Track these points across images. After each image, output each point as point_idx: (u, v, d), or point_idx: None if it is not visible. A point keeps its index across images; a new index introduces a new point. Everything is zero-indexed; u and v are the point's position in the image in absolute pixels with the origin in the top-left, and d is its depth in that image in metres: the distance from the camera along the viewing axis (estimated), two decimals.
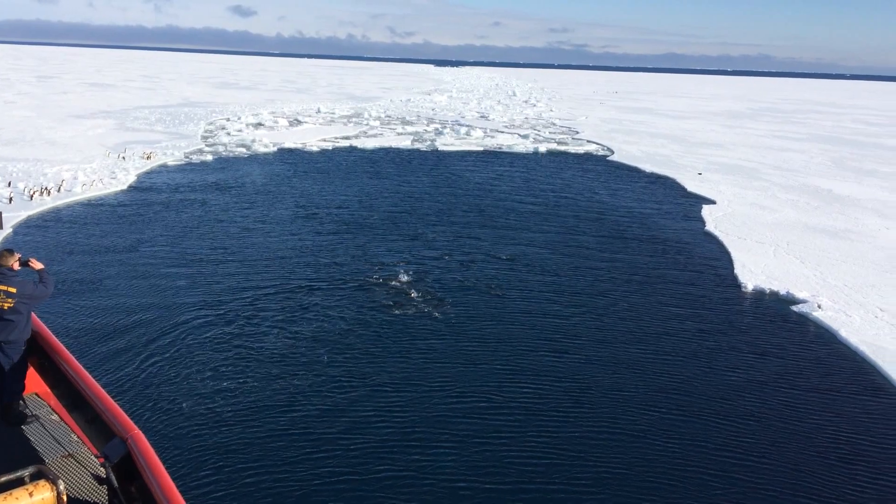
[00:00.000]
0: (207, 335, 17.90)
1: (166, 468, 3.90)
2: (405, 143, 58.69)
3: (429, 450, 13.19)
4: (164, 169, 41.93)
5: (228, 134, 58.50)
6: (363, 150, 54.04)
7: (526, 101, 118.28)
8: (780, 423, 14.87)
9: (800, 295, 22.53)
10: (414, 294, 21.62)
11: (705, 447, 13.80)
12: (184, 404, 14.37)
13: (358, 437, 13.49)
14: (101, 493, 4.42)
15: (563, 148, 59.43)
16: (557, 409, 15.09)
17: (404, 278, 23.06)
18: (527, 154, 55.79)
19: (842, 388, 16.62)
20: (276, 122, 68.81)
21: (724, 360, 17.88)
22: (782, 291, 22.99)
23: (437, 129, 70.29)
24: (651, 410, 15.15)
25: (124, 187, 35.70)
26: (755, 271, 25.11)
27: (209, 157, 46.63)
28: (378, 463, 12.68)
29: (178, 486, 3.87)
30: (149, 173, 40.09)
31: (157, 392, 14.84)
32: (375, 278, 23.03)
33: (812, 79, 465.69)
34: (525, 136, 66.12)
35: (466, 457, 13.04)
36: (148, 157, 43.84)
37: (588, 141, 64.58)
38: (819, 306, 21.54)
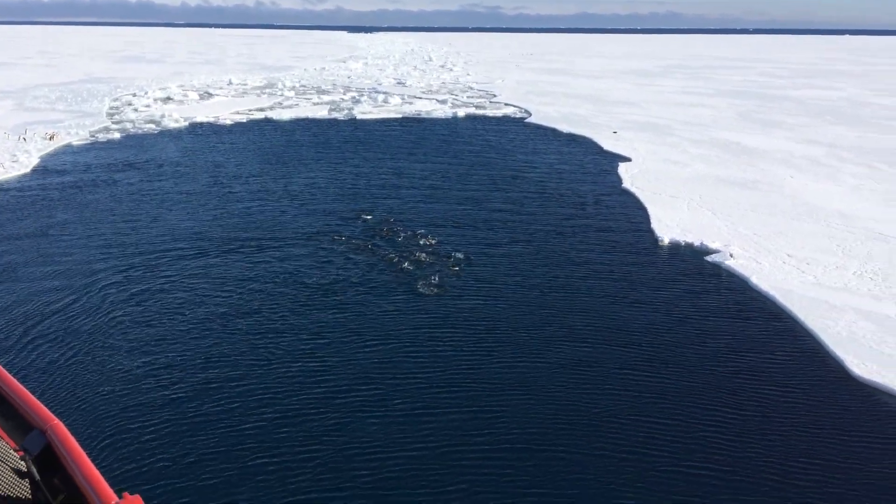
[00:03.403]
0: (124, 317, 17.40)
1: (89, 456, 3.81)
2: (322, 112, 57.77)
3: (341, 418, 13.26)
4: (69, 149, 40.13)
5: (136, 110, 56.31)
6: (279, 122, 52.93)
7: (442, 66, 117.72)
8: (694, 359, 15.57)
9: (713, 245, 23.41)
10: (334, 260, 21.49)
11: (620, 384, 14.35)
12: (104, 389, 13.99)
13: (283, 412, 13.42)
14: (24, 487, 4.27)
15: (481, 112, 59.59)
16: (469, 357, 15.39)
17: (325, 244, 22.87)
18: (445, 119, 55.72)
19: (753, 329, 17.44)
20: (185, 95, 66.52)
21: (641, 308, 18.48)
22: (696, 243, 23.84)
23: (353, 97, 69.35)
24: (566, 352, 15.59)
25: (27, 170, 34.06)
26: (670, 225, 25.92)
27: (117, 135, 44.85)
28: (306, 442, 12.67)
29: (102, 474, 3.79)
30: (53, 154, 38.33)
31: (75, 379, 14.39)
32: (295, 248, 22.76)
33: (718, 34, 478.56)
34: (443, 102, 65.96)
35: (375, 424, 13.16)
36: (51, 138, 41.84)
37: (505, 104, 64.91)
38: (731, 255, 22.43)
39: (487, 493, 11.29)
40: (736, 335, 17.21)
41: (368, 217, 26.63)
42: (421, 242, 23.58)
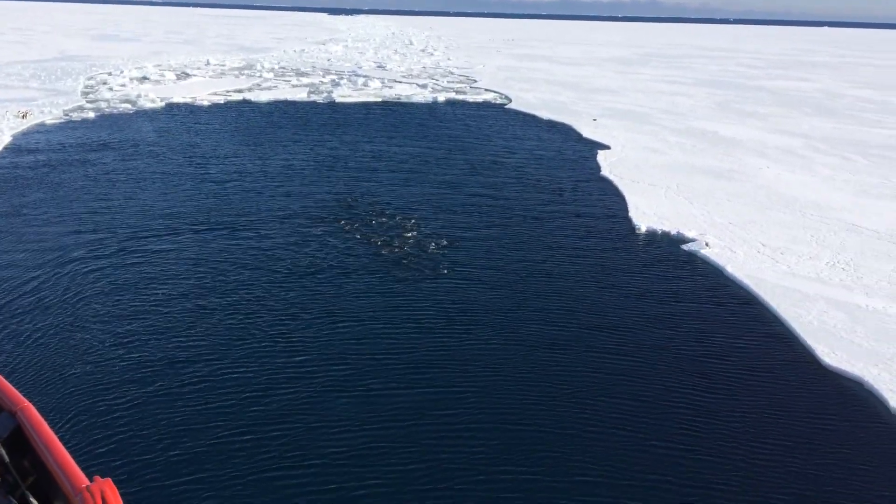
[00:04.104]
0: (97, 299, 17.22)
1: (60, 439, 3.80)
2: (301, 95, 57.30)
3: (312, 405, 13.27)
4: (42, 128, 39.48)
5: (111, 89, 55.41)
6: (257, 104, 52.44)
7: (423, 50, 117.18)
8: (667, 344, 15.76)
9: (689, 234, 23.62)
10: (311, 242, 21.40)
11: (593, 366, 14.50)
12: (75, 372, 13.84)
13: (255, 392, 13.39)
14: None
15: (461, 97, 59.43)
16: (444, 338, 15.46)
17: (302, 226, 22.75)
18: (425, 104, 55.51)
19: (726, 317, 17.67)
20: (162, 75, 65.61)
21: (616, 294, 18.64)
22: (673, 231, 24.03)
23: (333, 80, 68.87)
24: (540, 335, 15.71)
25: None
26: (648, 213, 26.10)
27: (91, 115, 44.16)
28: (278, 421, 12.66)
29: (73, 456, 3.78)
30: (26, 133, 37.68)
31: (47, 362, 14.23)
32: (271, 230, 22.63)
33: (698, 24, 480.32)
34: (423, 86, 65.69)
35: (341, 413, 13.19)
36: (24, 116, 41.12)
37: (486, 89, 64.79)
38: (707, 244, 22.66)
39: (457, 470, 11.36)
40: (710, 323, 17.41)
41: (346, 200, 26.53)
42: (398, 225, 23.55)
